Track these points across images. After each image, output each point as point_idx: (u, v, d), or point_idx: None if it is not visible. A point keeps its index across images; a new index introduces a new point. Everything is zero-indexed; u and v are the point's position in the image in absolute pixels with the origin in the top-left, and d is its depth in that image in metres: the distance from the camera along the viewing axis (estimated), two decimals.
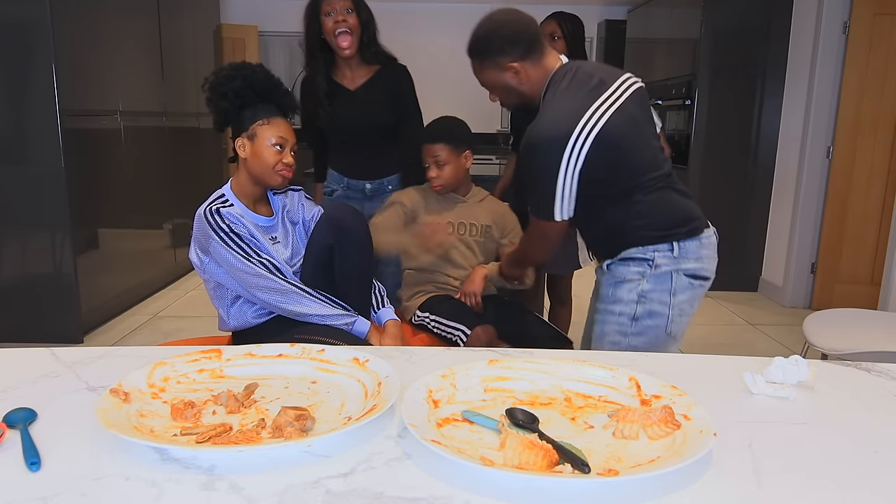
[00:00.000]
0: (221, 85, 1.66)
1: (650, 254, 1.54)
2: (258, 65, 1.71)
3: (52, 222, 3.31)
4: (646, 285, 1.55)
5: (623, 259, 1.58)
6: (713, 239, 1.61)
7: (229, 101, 1.66)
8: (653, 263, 1.54)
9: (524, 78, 1.56)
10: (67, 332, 3.39)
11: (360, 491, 0.78)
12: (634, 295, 1.56)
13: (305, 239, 1.79)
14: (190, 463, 0.84)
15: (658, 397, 1.01)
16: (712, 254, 1.60)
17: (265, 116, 1.67)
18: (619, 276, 1.59)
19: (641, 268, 1.55)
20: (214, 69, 1.72)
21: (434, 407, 0.98)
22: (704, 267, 1.58)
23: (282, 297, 1.63)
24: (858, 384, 1.15)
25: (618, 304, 1.58)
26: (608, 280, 1.62)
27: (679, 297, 1.55)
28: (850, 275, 4.08)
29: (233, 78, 1.65)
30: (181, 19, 4.72)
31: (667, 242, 1.54)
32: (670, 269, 1.54)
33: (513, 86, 1.57)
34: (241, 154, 1.68)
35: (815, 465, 0.86)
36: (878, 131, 3.91)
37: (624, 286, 1.58)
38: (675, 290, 1.55)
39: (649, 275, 1.55)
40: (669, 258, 1.54)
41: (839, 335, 2.13)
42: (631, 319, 1.57)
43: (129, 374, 1.04)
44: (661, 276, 1.55)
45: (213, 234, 1.61)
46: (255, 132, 1.66)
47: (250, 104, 1.66)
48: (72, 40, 3.35)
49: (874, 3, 3.78)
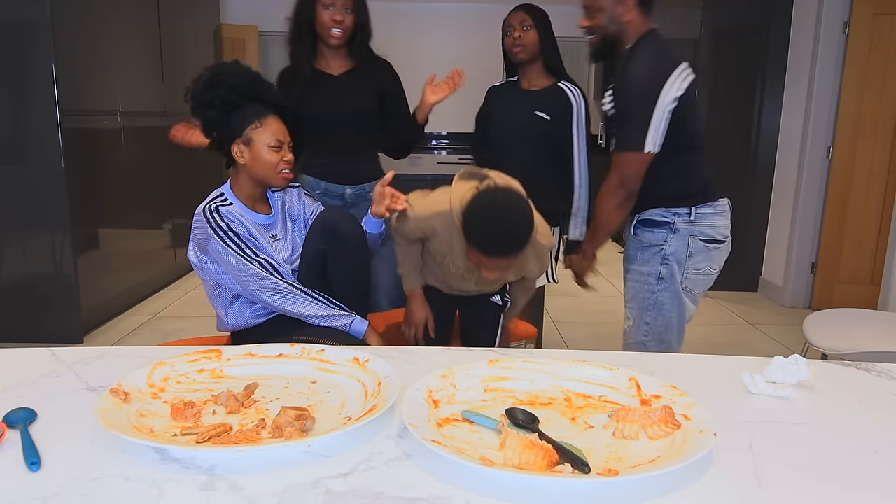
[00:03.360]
0: (205, 93, 1.62)
1: (671, 216, 1.80)
2: (234, 62, 1.68)
3: (52, 222, 3.31)
4: (668, 249, 1.81)
5: (647, 224, 1.84)
6: (727, 207, 1.86)
7: (217, 109, 1.62)
8: (673, 227, 1.80)
9: (630, 18, 1.75)
10: (67, 332, 3.39)
11: (360, 491, 0.78)
12: (658, 258, 1.82)
13: (302, 237, 1.79)
14: (190, 463, 0.84)
15: (658, 397, 1.01)
16: (725, 220, 1.85)
17: (256, 118, 1.64)
18: (645, 240, 1.85)
19: (664, 232, 1.81)
20: (193, 77, 1.66)
21: (434, 407, 0.98)
22: (717, 231, 1.82)
23: (279, 298, 1.63)
24: (858, 384, 1.15)
25: (644, 265, 1.85)
26: (635, 244, 1.88)
27: (694, 259, 1.81)
28: (850, 275, 4.08)
29: (215, 84, 1.61)
30: (181, 19, 4.72)
31: (686, 206, 1.79)
32: (687, 233, 1.80)
33: (618, 18, 1.75)
34: (240, 160, 1.65)
35: (815, 465, 0.86)
36: (878, 131, 3.91)
37: (649, 250, 1.84)
38: (690, 251, 1.80)
39: (670, 239, 1.80)
40: (687, 222, 1.79)
41: (839, 335, 2.13)
42: (657, 279, 1.83)
43: (129, 374, 1.04)
44: (680, 239, 1.80)
45: (212, 232, 1.60)
46: (249, 137, 1.64)
47: (238, 107, 1.64)
48: (72, 40, 3.35)
49: (874, 3, 3.78)
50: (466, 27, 6.75)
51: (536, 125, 2.30)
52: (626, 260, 1.93)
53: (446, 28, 6.74)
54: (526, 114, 2.32)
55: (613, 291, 4.42)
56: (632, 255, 1.89)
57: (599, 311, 4.07)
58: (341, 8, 2.05)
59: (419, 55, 6.45)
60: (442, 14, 6.76)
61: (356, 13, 2.09)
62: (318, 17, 2.06)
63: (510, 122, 2.36)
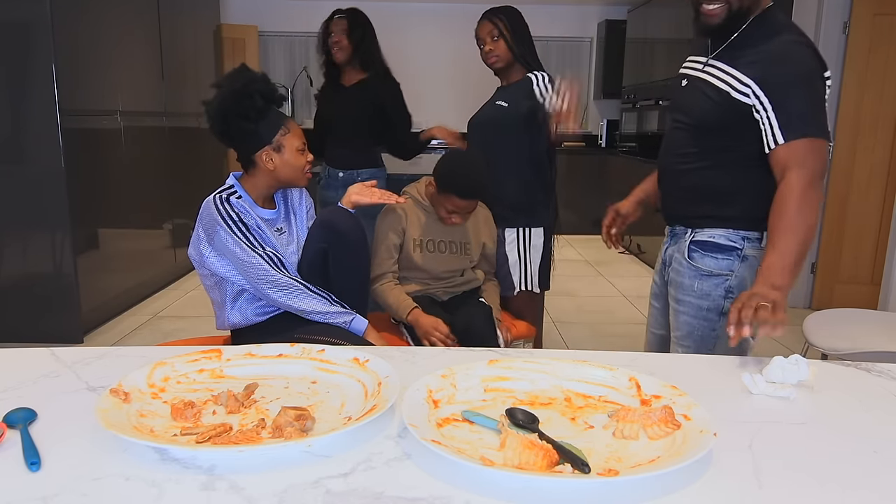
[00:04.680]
0: (238, 105, 1.61)
1: (740, 241, 1.51)
2: (245, 67, 1.68)
3: (52, 222, 3.31)
4: (734, 280, 1.52)
5: (709, 248, 1.54)
6: None
7: (252, 120, 1.63)
8: (741, 253, 1.51)
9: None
10: (67, 332, 3.39)
11: (360, 491, 0.78)
12: (722, 290, 1.53)
13: (305, 229, 1.81)
14: (190, 463, 0.84)
15: (658, 397, 1.01)
16: None
17: (281, 124, 1.67)
18: (705, 268, 1.55)
19: (730, 259, 1.52)
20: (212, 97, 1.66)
21: (434, 407, 0.98)
22: None
23: (281, 292, 1.64)
24: (858, 384, 1.15)
25: (704, 298, 1.55)
26: (690, 271, 1.57)
27: None
28: (850, 275, 4.08)
29: (247, 95, 1.61)
30: (181, 19, 4.72)
31: (757, 231, 1.51)
32: (756, 261, 1.50)
33: None
34: (268, 166, 1.67)
35: (815, 465, 0.86)
36: (878, 131, 3.91)
37: (711, 280, 1.54)
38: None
39: (738, 268, 1.52)
40: (756, 249, 1.51)
41: (839, 335, 2.13)
42: (719, 314, 1.54)
43: (129, 374, 1.04)
44: (748, 269, 1.52)
45: (222, 221, 1.61)
46: (280, 143, 1.66)
47: (265, 115, 1.65)
48: (72, 40, 3.35)
49: (874, 3, 3.78)
50: (466, 28, 6.75)
51: (495, 114, 2.32)
52: (675, 287, 1.62)
53: (446, 28, 6.74)
54: (489, 107, 2.36)
55: (613, 291, 4.42)
56: (686, 284, 1.57)
57: (599, 311, 4.07)
58: (340, 33, 2.66)
59: (415, 56, 6.46)
60: (442, 14, 6.76)
61: (350, 35, 2.66)
62: (329, 44, 2.70)
63: (477, 117, 2.40)
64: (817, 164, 1.36)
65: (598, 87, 7.07)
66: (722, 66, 1.47)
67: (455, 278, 2.11)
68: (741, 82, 1.42)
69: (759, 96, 1.40)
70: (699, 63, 1.55)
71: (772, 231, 1.38)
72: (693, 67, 1.58)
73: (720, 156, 1.50)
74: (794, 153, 1.36)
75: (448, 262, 2.08)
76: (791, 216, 1.34)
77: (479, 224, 2.16)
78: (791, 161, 1.37)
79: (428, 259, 2.05)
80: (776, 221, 1.37)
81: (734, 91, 1.43)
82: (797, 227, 1.34)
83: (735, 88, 1.43)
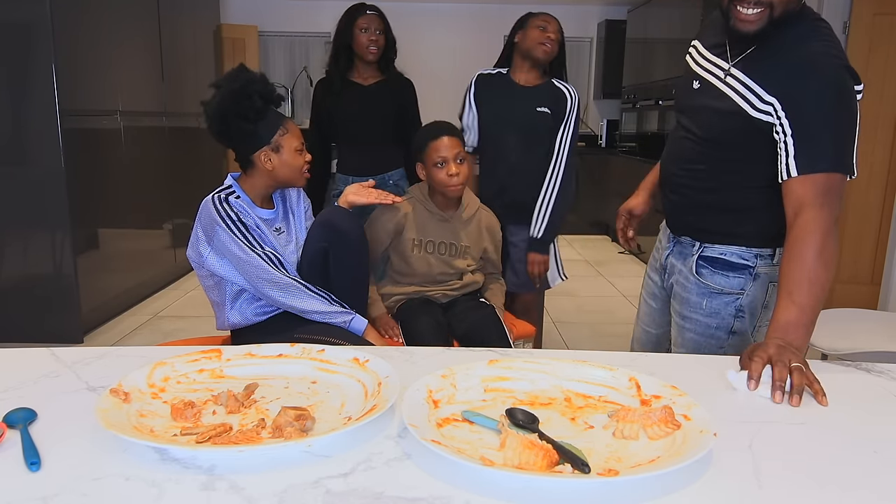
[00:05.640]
0: (237, 106, 1.61)
1: (752, 259, 1.44)
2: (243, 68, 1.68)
3: (52, 222, 3.31)
4: (745, 298, 1.46)
5: (719, 265, 1.47)
6: None
7: (251, 120, 1.63)
8: (753, 271, 1.44)
9: None
10: (67, 332, 3.39)
11: (360, 491, 0.78)
12: (732, 309, 1.47)
13: (303, 229, 1.81)
14: (190, 463, 0.84)
15: (658, 397, 1.01)
16: None
17: (280, 124, 1.67)
18: (715, 285, 1.47)
19: (742, 277, 1.45)
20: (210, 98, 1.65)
21: (434, 407, 0.98)
22: None
23: (281, 292, 1.64)
24: (858, 384, 1.15)
25: (713, 316, 1.48)
26: (699, 288, 1.49)
27: (771, 309, 1.34)
28: (850, 275, 4.07)
29: (247, 96, 1.61)
30: (181, 19, 4.73)
31: (770, 248, 1.43)
32: (767, 279, 1.44)
33: None
34: (267, 166, 1.67)
35: (814, 466, 0.86)
36: (878, 131, 3.91)
37: (720, 298, 1.47)
38: (768, 301, 1.45)
39: (749, 287, 1.45)
40: (769, 266, 1.44)
41: (839, 335, 2.13)
42: (727, 333, 1.48)
43: (129, 374, 1.04)
44: (760, 287, 1.45)
45: (221, 221, 1.61)
46: (279, 144, 1.67)
47: (264, 115, 1.65)
48: (72, 40, 3.35)
49: (874, 3, 3.78)
50: (467, 27, 6.75)
51: (538, 119, 2.37)
52: (679, 302, 1.55)
53: (446, 28, 6.74)
54: (528, 108, 2.38)
55: (613, 291, 4.42)
56: (693, 301, 1.51)
57: (599, 311, 4.07)
58: (375, 30, 2.53)
59: (418, 55, 6.46)
60: (442, 14, 6.76)
61: (386, 34, 2.56)
62: (356, 39, 2.53)
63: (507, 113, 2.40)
64: (836, 204, 1.24)
65: (598, 87, 7.07)
66: (743, 78, 1.34)
67: (453, 281, 2.11)
68: (762, 100, 1.31)
69: (780, 116, 1.28)
70: (719, 69, 1.41)
71: (787, 278, 1.23)
72: (710, 71, 1.43)
73: (733, 176, 1.42)
74: (813, 189, 1.24)
75: (446, 264, 2.07)
76: (810, 265, 1.21)
77: (481, 230, 2.14)
78: (808, 198, 1.24)
79: (427, 260, 2.05)
80: (794, 268, 1.23)
81: (753, 109, 1.32)
82: (817, 279, 1.21)
83: (755, 106, 1.32)
